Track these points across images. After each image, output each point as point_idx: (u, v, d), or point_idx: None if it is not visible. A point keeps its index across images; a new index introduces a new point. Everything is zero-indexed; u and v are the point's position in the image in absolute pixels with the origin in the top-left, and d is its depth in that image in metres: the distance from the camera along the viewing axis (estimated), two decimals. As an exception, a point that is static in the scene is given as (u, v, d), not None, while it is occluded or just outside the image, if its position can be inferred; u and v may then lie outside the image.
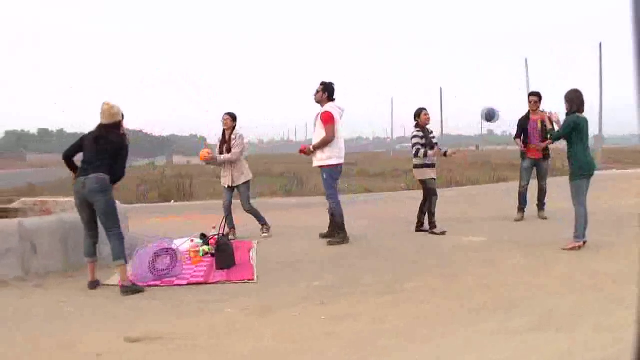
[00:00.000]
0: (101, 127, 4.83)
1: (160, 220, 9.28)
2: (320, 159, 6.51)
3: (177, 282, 4.88)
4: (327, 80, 6.65)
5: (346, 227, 6.70)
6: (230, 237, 6.78)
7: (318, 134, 6.51)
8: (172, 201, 12.89)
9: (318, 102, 6.63)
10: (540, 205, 8.07)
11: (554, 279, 4.72)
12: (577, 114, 5.83)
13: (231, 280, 4.92)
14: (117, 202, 6.68)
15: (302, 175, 20.33)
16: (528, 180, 8.00)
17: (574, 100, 5.86)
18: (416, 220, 7.31)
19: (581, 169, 5.81)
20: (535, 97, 7.89)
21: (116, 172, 4.79)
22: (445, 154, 7.34)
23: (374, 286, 4.68)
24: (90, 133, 4.89)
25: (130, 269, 4.88)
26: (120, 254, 4.67)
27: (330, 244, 6.54)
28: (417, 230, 7.26)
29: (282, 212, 10.50)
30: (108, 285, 4.86)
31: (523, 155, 7.99)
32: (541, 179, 8.04)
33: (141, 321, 3.89)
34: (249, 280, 4.91)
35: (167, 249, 5.01)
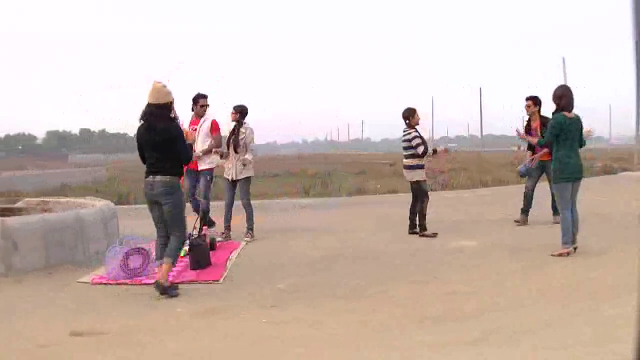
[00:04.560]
0: (149, 110, 4.57)
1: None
2: (207, 162, 7.12)
3: (145, 280, 4.97)
4: (203, 93, 7.37)
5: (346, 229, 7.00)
6: (219, 238, 6.86)
7: (203, 141, 7.05)
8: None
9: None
10: (555, 209, 7.53)
11: (529, 289, 4.47)
12: (564, 114, 5.55)
13: (198, 281, 4.97)
14: (109, 202, 6.91)
15: (331, 177, 20.40)
16: (534, 181, 7.68)
17: (563, 97, 5.56)
18: (409, 223, 7.17)
19: (562, 172, 5.54)
20: (529, 101, 7.56)
21: (179, 158, 4.64)
22: (434, 151, 7.26)
23: (338, 291, 4.61)
24: (141, 125, 4.66)
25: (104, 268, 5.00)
26: (171, 252, 4.57)
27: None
28: (410, 233, 7.11)
29: (293, 212, 10.53)
30: (79, 282, 5.05)
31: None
32: (550, 181, 7.67)
33: (92, 317, 4.02)
34: (214, 281, 4.94)
35: (139, 249, 5.11)
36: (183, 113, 7.37)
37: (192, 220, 7.14)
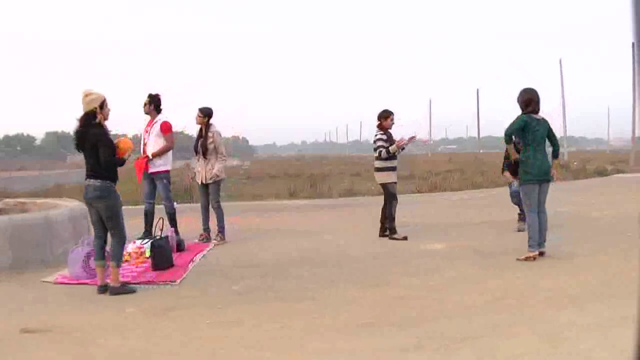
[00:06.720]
0: (79, 117, 4.73)
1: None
2: (159, 165, 6.87)
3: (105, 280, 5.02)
4: (154, 92, 7.02)
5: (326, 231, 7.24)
6: (195, 240, 6.98)
7: (155, 142, 6.82)
8: (175, 202, 13.17)
9: (147, 113, 6.98)
10: (521, 213, 7.62)
11: (483, 294, 4.45)
12: (531, 115, 5.57)
13: (155, 282, 5.04)
14: (80, 203, 6.97)
15: (327, 179, 20.42)
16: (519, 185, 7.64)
17: (532, 99, 5.59)
18: (380, 225, 7.19)
19: (528, 173, 5.55)
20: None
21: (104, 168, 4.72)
22: (409, 140, 7.22)
23: (290, 294, 4.65)
24: (75, 131, 4.81)
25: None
26: (116, 255, 4.76)
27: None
28: (381, 236, 7.13)
29: (282, 214, 10.55)
30: (43, 282, 5.17)
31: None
32: None
33: (48, 315, 4.14)
34: (171, 282, 5.01)
35: (100, 249, 5.18)
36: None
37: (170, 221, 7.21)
